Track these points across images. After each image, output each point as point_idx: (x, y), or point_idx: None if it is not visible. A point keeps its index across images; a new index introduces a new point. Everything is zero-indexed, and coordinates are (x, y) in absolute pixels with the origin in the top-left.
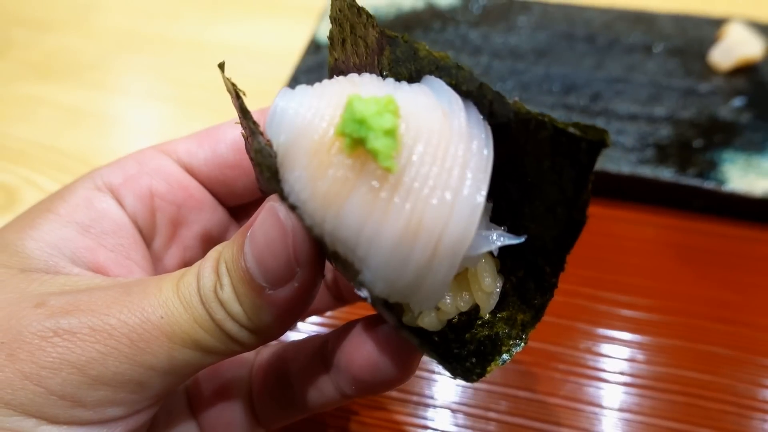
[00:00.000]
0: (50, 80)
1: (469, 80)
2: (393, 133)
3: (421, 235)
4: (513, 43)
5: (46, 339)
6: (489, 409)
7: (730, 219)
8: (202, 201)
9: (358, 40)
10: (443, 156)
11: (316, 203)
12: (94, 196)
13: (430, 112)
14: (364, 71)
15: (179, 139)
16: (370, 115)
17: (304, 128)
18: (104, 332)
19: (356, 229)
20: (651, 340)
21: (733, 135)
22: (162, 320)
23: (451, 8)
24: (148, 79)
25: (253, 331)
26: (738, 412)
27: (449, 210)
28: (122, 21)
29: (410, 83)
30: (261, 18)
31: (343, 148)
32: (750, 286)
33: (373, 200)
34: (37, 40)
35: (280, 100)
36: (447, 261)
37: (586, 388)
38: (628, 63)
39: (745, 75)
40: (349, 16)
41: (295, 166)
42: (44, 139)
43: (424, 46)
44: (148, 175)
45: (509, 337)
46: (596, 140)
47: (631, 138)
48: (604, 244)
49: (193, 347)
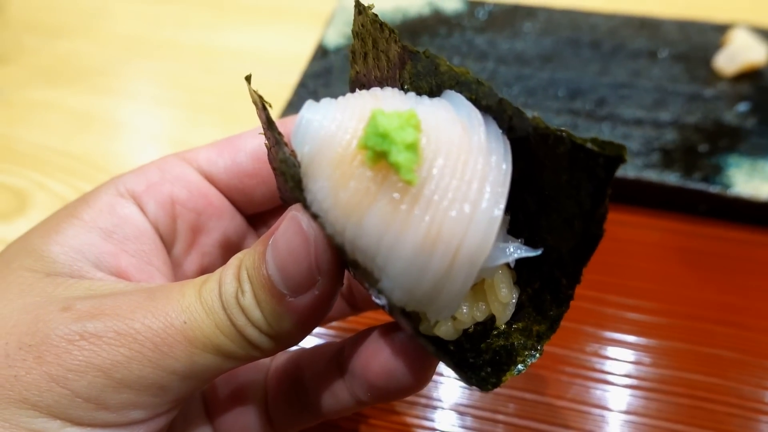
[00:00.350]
0: (61, 86)
1: (488, 95)
2: (415, 147)
3: (440, 246)
4: (519, 48)
5: (72, 342)
6: (497, 412)
7: (736, 223)
8: (221, 209)
9: (380, 54)
10: (463, 169)
11: (338, 212)
12: (117, 203)
13: (451, 126)
14: (385, 84)
15: (200, 148)
16: (393, 129)
17: (328, 140)
18: (129, 336)
19: (376, 238)
20: (657, 343)
21: (738, 139)
22: (185, 325)
23: (457, 14)
24: (156, 84)
25: (273, 338)
26: (743, 414)
27: (467, 222)
28: (131, 27)
29: (431, 97)
30: (268, 24)
31: (365, 161)
32: (755, 289)
33: (393, 211)
34: (48, 47)
35: (306, 111)
36: (464, 271)
37: (593, 390)
38: (633, 68)
39: (750, 80)
40: (371, 31)
41: (318, 176)
42: (55, 143)
43: (444, 62)
44: (169, 182)
45: (525, 347)
46: (614, 155)
47: (636, 143)
48: (609, 248)
49: (213, 352)
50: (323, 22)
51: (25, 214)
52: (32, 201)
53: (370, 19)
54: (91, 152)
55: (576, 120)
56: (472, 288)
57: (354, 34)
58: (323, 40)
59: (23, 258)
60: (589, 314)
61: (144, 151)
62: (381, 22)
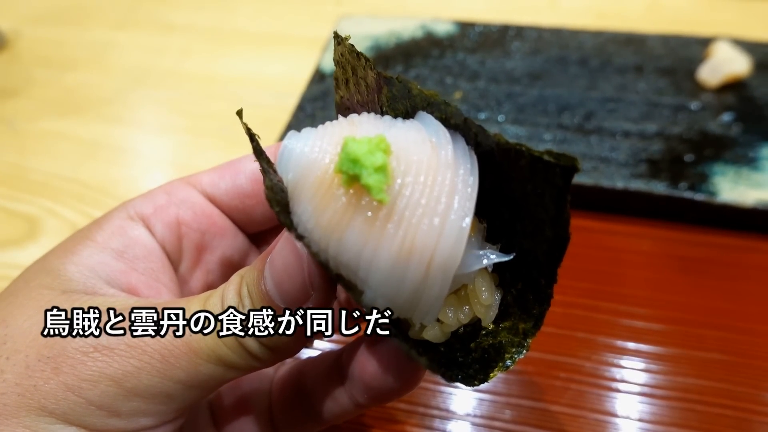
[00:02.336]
0: (69, 116)
1: (455, 115)
2: (384, 169)
3: (414, 257)
4: (509, 67)
5: (87, 354)
6: (494, 419)
7: (723, 230)
8: (224, 228)
9: (359, 80)
10: (432, 185)
11: (321, 232)
12: (128, 225)
13: (420, 145)
14: (367, 107)
15: (203, 172)
16: (362, 154)
17: (308, 166)
18: (138, 348)
19: (356, 253)
20: (649, 348)
21: (723, 148)
22: (190, 337)
23: (449, 36)
24: (161, 112)
25: (272, 349)
26: (735, 415)
27: (438, 234)
28: (136, 58)
29: (406, 118)
30: (268, 50)
31: (341, 184)
32: (744, 293)
33: (369, 228)
34: (57, 79)
35: (288, 141)
36: (439, 278)
37: (587, 395)
38: (620, 83)
39: (733, 91)
40: (350, 59)
41: (301, 200)
42: (65, 171)
43: (415, 86)
44: (175, 205)
45: (512, 344)
46: (569, 165)
47: (624, 154)
48: (601, 256)
49: (216, 362)
50: (320, 47)
51: (37, 240)
52: (43, 227)
53: (348, 48)
54: (100, 179)
55: (565, 134)
56: (455, 293)
57: (336, 62)
58: (320, 64)
59: (42, 277)
60: (582, 321)
61: (150, 176)
62: (357, 51)
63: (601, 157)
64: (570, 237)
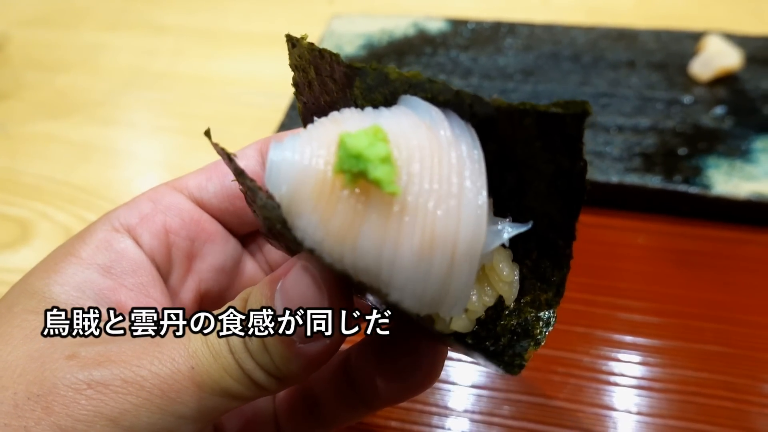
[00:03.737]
0: (61, 118)
1: (444, 91)
2: (389, 159)
3: (437, 246)
4: (501, 64)
5: (80, 392)
6: (492, 414)
7: (718, 222)
8: (214, 233)
9: (324, 79)
10: (439, 167)
11: (332, 241)
12: (113, 238)
13: (416, 129)
14: (337, 106)
15: (189, 175)
16: (364, 147)
17: (303, 175)
18: (136, 384)
19: (376, 255)
20: (647, 342)
21: (716, 142)
22: (193, 371)
23: (441, 33)
24: (154, 114)
25: (280, 379)
26: (734, 407)
27: (457, 216)
28: (128, 59)
29: (387, 106)
30: (260, 51)
31: (344, 184)
32: (740, 285)
33: (384, 225)
34: (48, 81)
35: (272, 154)
36: (466, 264)
37: (586, 389)
38: (612, 78)
39: (725, 84)
40: (310, 59)
41: (302, 212)
42: (57, 174)
43: (394, 69)
44: (162, 212)
45: (538, 318)
46: (579, 111)
47: (618, 148)
48: (597, 251)
49: (221, 394)
50: None
51: (29, 243)
52: (36, 231)
53: (307, 49)
54: (92, 181)
55: None
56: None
57: (293, 67)
58: None
59: (25, 301)
60: (580, 316)
61: (143, 178)
62: (319, 49)
63: (596, 151)
64: (587, 187)
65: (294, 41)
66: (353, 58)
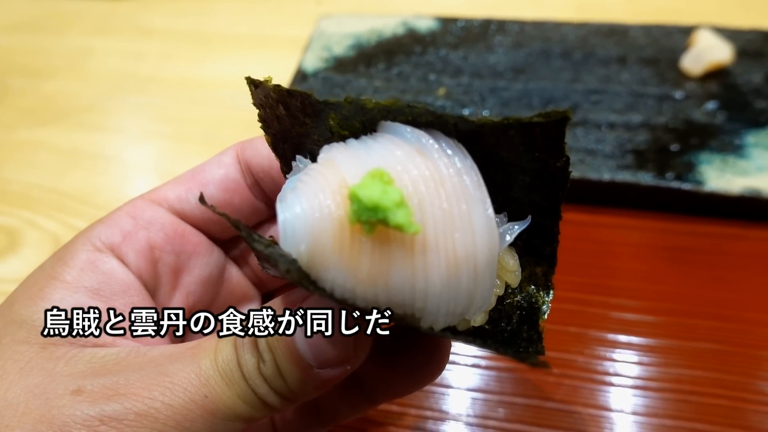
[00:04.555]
0: (47, 124)
1: (424, 113)
2: (403, 202)
3: (462, 265)
4: (492, 62)
5: (93, 428)
6: (487, 417)
7: (711, 218)
8: (198, 245)
9: (295, 113)
10: (444, 191)
11: (364, 287)
12: (98, 259)
13: (411, 158)
14: (312, 136)
15: (167, 186)
16: (379, 197)
17: (319, 230)
18: (150, 417)
19: (410, 289)
20: (641, 341)
21: (708, 137)
22: (206, 399)
23: (431, 32)
24: (143, 118)
25: (292, 401)
26: (729, 404)
27: (472, 232)
28: (115, 64)
29: (365, 132)
30: (249, 52)
31: (364, 233)
32: (733, 281)
33: (412, 261)
34: (34, 87)
35: (282, 214)
36: (488, 271)
37: (581, 390)
38: (603, 74)
39: (716, 79)
40: (277, 98)
41: (328, 266)
42: (44, 181)
43: (370, 100)
44: (144, 228)
45: (538, 290)
46: (560, 118)
47: (610, 146)
48: (590, 249)
49: (234, 419)
50: (302, 47)
51: (17, 252)
52: (24, 239)
53: (273, 89)
54: (81, 188)
55: None
56: None
57: (257, 105)
58: (302, 64)
59: (14, 331)
60: (573, 316)
61: (133, 184)
62: (287, 89)
63: (588, 149)
64: (570, 174)
65: (256, 83)
66: (342, 59)
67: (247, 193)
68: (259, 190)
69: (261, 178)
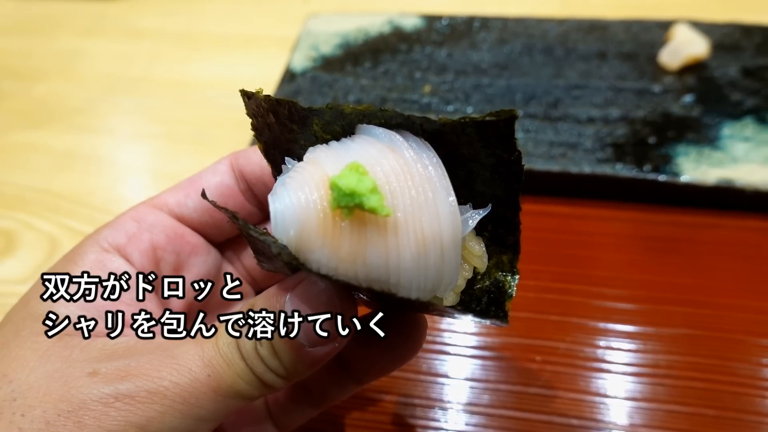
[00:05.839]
0: (41, 127)
1: (395, 116)
2: (376, 188)
3: (429, 245)
4: (476, 59)
5: (108, 405)
6: (473, 404)
7: (687, 208)
8: (196, 245)
9: (284, 121)
10: (412, 181)
11: (346, 265)
12: (105, 258)
13: (384, 154)
14: (299, 141)
15: (166, 192)
16: (355, 185)
17: (305, 217)
18: (159, 394)
19: (384, 266)
20: (620, 327)
21: (686, 129)
22: (209, 378)
23: (416, 30)
24: (134, 119)
25: (287, 378)
26: (703, 386)
27: (438, 216)
28: (106, 66)
29: (345, 135)
30: (238, 52)
31: (343, 217)
32: (708, 269)
33: (386, 241)
34: (26, 90)
35: (273, 205)
36: (453, 251)
37: (563, 375)
38: (584, 70)
39: (694, 73)
40: (268, 108)
41: (313, 247)
42: (39, 183)
43: (348, 106)
44: (147, 231)
45: (504, 275)
46: (509, 116)
47: (590, 139)
48: (571, 240)
49: (234, 396)
50: (290, 47)
51: (14, 254)
52: (20, 241)
53: (263, 99)
54: (75, 189)
55: (533, 122)
56: None
57: (250, 115)
58: (290, 64)
59: (31, 324)
60: (555, 304)
61: (126, 185)
62: (276, 99)
63: (569, 143)
64: (523, 169)
65: (249, 95)
66: (330, 58)
67: (240, 198)
68: (252, 195)
69: (253, 184)
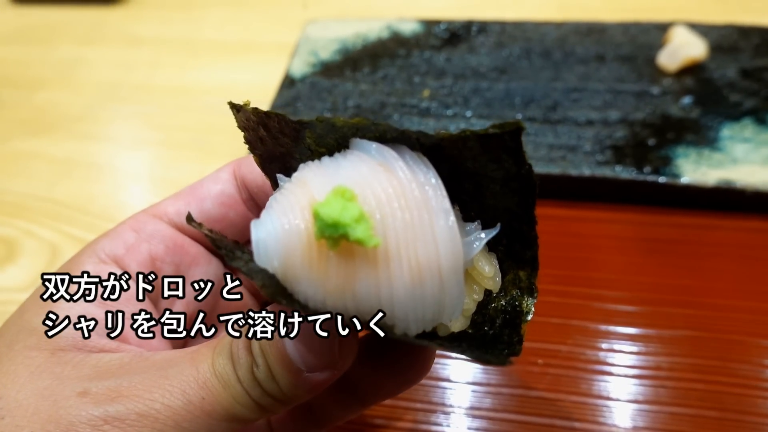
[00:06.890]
0: (41, 135)
1: (389, 130)
2: (363, 217)
3: (425, 273)
4: (474, 63)
5: (97, 428)
6: (474, 408)
7: (687, 210)
8: (196, 256)
9: (275, 134)
10: (406, 203)
11: (334, 297)
12: (102, 270)
13: (375, 174)
14: (293, 154)
15: (167, 201)
16: (338, 214)
17: (289, 247)
18: (150, 417)
19: (375, 298)
20: (622, 330)
21: (685, 131)
22: (203, 401)
23: (415, 35)
24: (134, 126)
25: (285, 403)
26: (704, 388)
27: (434, 242)
28: (106, 74)
29: (338, 150)
30: (237, 59)
31: (329, 247)
32: (708, 270)
33: (376, 272)
34: (26, 98)
35: (255, 233)
36: (453, 278)
37: (565, 378)
38: (583, 72)
39: (692, 74)
40: (257, 120)
41: (299, 279)
42: (40, 191)
43: (339, 119)
44: (146, 241)
45: (522, 293)
46: (514, 129)
47: (589, 142)
48: (571, 243)
49: (229, 420)
50: (289, 53)
51: (15, 262)
52: (21, 249)
53: (252, 112)
54: (76, 197)
55: (532, 126)
56: None
57: (241, 128)
58: (290, 70)
59: (25, 338)
60: (556, 307)
61: (126, 191)
62: (265, 111)
63: (568, 146)
64: (536, 183)
65: (237, 107)
66: (329, 64)
67: (242, 208)
68: (254, 204)
69: (255, 193)
